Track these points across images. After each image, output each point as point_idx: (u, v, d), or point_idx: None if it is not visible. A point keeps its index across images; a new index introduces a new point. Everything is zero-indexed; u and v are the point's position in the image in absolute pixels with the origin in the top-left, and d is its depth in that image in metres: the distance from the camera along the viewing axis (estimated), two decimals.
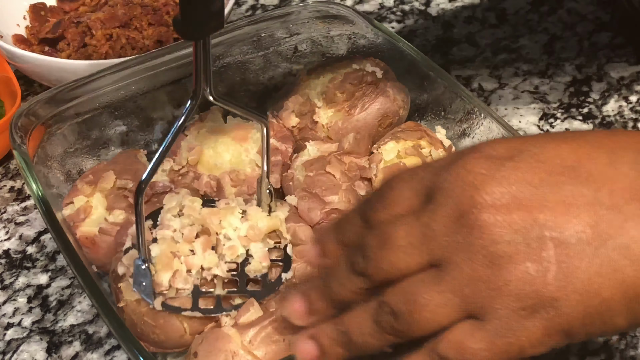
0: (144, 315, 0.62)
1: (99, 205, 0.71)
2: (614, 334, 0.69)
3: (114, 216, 0.70)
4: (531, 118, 0.92)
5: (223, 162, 0.75)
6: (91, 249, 0.70)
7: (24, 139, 0.70)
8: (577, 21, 1.07)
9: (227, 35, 0.82)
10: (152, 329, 0.63)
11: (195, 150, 0.75)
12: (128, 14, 0.94)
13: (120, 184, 0.72)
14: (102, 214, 0.71)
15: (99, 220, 0.70)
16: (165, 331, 0.63)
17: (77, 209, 0.71)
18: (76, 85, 0.76)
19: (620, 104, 0.94)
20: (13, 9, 0.99)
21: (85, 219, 0.70)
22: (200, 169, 0.75)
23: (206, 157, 0.75)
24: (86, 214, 0.71)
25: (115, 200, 0.71)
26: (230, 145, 0.76)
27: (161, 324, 0.62)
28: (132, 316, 0.63)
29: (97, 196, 0.72)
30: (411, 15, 1.09)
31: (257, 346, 0.59)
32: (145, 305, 0.62)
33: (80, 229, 0.70)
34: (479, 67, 1.00)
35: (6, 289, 0.74)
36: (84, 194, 0.72)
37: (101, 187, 0.72)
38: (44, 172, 0.72)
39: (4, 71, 0.89)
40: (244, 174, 0.74)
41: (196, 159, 0.75)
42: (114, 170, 0.73)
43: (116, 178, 0.72)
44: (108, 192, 0.72)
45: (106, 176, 0.73)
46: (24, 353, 0.69)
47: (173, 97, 0.82)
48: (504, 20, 1.08)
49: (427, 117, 0.81)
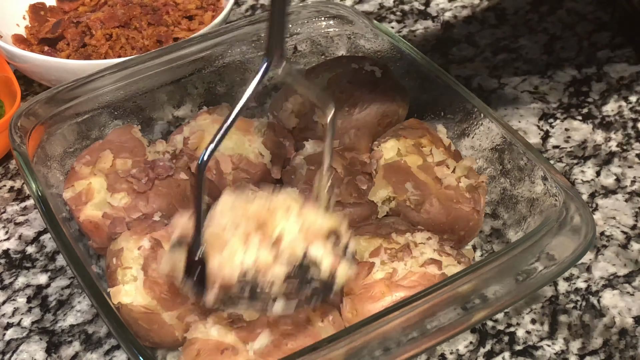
0: (138, 320, 0.62)
1: (100, 187, 0.71)
2: None
3: (117, 199, 0.70)
4: (531, 118, 0.92)
5: (225, 149, 0.74)
6: (94, 232, 0.70)
7: (23, 139, 0.70)
8: (576, 21, 1.07)
9: (227, 35, 0.83)
10: (146, 332, 0.63)
11: (196, 134, 0.74)
12: (127, 14, 0.94)
13: (119, 163, 0.72)
14: (103, 196, 0.70)
15: (101, 203, 0.70)
16: (159, 335, 0.63)
17: (79, 192, 0.70)
18: (76, 85, 0.76)
19: (620, 104, 0.94)
20: (13, 8, 0.99)
21: (87, 202, 0.70)
22: (199, 153, 0.74)
23: (205, 144, 0.75)
24: (88, 198, 0.70)
25: (115, 180, 0.71)
26: (233, 134, 0.75)
27: (155, 329, 0.62)
28: (127, 318, 0.62)
29: (97, 177, 0.71)
30: (411, 15, 1.09)
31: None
32: (139, 309, 0.61)
33: (83, 212, 0.70)
34: (479, 67, 1.00)
35: (6, 289, 0.74)
36: (84, 177, 0.71)
37: (100, 167, 0.71)
38: (44, 172, 0.72)
39: (3, 71, 0.89)
40: (247, 159, 0.74)
41: (196, 143, 0.74)
42: (110, 149, 0.73)
43: (114, 157, 0.72)
44: (107, 172, 0.71)
45: (104, 156, 0.72)
46: (24, 353, 0.69)
47: (173, 97, 0.82)
48: (504, 20, 1.08)
49: (427, 117, 0.81)
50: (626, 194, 0.83)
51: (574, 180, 0.85)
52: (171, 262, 0.57)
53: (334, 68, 0.82)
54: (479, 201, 0.71)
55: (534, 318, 0.71)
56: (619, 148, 0.88)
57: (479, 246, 0.75)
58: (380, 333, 0.56)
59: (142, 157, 0.73)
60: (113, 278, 0.64)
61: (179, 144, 0.75)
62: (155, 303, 0.62)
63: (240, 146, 0.75)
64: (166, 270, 0.57)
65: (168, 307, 0.62)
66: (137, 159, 0.73)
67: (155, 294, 0.62)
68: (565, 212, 0.64)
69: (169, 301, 0.62)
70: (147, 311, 0.62)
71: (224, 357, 0.58)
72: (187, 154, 0.74)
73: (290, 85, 0.61)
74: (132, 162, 0.72)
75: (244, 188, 0.65)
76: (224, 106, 0.79)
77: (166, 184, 0.72)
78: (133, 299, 0.62)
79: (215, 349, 0.58)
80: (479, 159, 0.76)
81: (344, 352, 0.55)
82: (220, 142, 0.53)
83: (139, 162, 0.72)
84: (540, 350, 0.69)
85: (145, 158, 0.73)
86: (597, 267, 0.76)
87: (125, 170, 0.71)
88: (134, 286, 0.63)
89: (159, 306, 0.62)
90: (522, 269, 0.60)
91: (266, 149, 0.75)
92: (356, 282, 0.63)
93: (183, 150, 0.75)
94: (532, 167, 0.69)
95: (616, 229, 0.79)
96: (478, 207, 0.71)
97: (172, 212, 0.71)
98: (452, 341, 0.69)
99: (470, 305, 0.58)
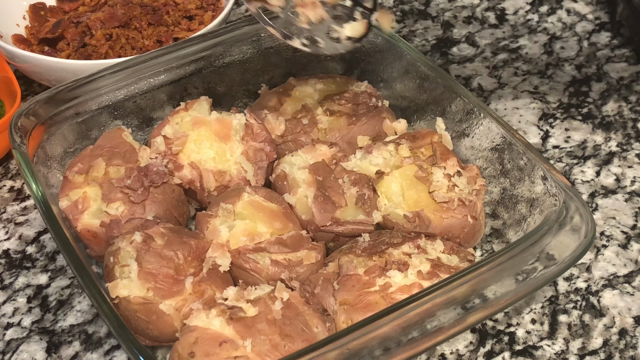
0: (136, 312, 0.63)
1: (95, 196, 0.71)
2: None
3: (113, 209, 0.70)
4: (531, 118, 0.92)
5: (207, 159, 0.75)
6: (92, 241, 0.70)
7: (23, 139, 0.70)
8: (576, 21, 1.07)
9: (227, 35, 0.83)
10: (145, 325, 0.63)
11: (180, 140, 0.75)
12: (128, 14, 0.94)
13: (112, 171, 0.72)
14: (99, 205, 0.71)
15: (97, 212, 0.70)
16: (158, 327, 0.63)
17: (75, 200, 0.70)
18: (76, 85, 0.76)
19: (619, 104, 0.94)
20: (13, 8, 0.99)
21: (84, 210, 0.70)
22: (181, 158, 0.75)
23: (188, 150, 0.75)
24: (84, 206, 0.70)
25: (110, 190, 0.71)
26: (213, 142, 0.76)
27: (154, 320, 0.63)
28: (126, 312, 0.63)
29: (90, 187, 0.71)
30: (411, 15, 1.09)
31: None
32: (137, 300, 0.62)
33: (80, 221, 0.70)
34: (479, 67, 1.00)
35: (6, 289, 0.74)
36: (78, 186, 0.71)
37: (93, 176, 0.72)
38: (44, 172, 0.72)
39: (3, 71, 0.89)
40: (229, 175, 0.75)
41: (179, 149, 0.75)
42: (101, 155, 0.73)
43: (106, 165, 0.72)
44: (101, 181, 0.72)
45: (96, 164, 0.72)
46: (24, 353, 0.69)
47: (173, 97, 0.82)
48: (504, 20, 1.08)
49: (426, 117, 0.81)
50: (626, 194, 0.83)
51: (574, 180, 0.85)
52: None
53: (323, 81, 0.84)
54: (474, 207, 0.71)
55: (534, 318, 0.71)
56: (619, 148, 0.88)
57: (478, 246, 0.75)
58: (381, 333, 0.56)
59: (135, 163, 0.73)
60: (111, 275, 0.64)
61: (161, 145, 0.75)
62: (152, 293, 0.63)
63: (222, 157, 0.76)
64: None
65: (164, 296, 0.63)
66: (129, 165, 0.73)
67: (150, 284, 0.63)
68: (565, 212, 0.64)
69: (165, 290, 0.63)
70: (145, 301, 0.63)
71: (222, 349, 0.58)
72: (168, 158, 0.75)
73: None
74: (125, 169, 0.72)
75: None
76: (202, 100, 0.79)
77: (161, 190, 0.72)
78: (130, 291, 0.63)
79: (214, 340, 0.59)
80: (479, 159, 0.76)
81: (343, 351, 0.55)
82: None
83: (132, 169, 0.72)
84: (540, 350, 0.69)
85: (137, 164, 0.73)
86: (597, 267, 0.76)
87: (119, 179, 0.71)
88: (131, 279, 0.63)
89: (156, 296, 0.63)
90: (522, 269, 0.60)
91: (247, 160, 0.75)
92: (351, 293, 0.63)
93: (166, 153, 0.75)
94: (532, 167, 0.69)
95: (616, 229, 0.79)
96: (474, 212, 0.71)
97: (169, 217, 0.71)
98: (452, 341, 0.69)
99: (470, 305, 0.58)
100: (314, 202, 0.71)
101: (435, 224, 0.70)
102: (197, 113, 0.78)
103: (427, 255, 0.66)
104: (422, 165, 0.73)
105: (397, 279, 0.64)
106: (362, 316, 0.61)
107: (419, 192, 0.72)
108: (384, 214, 0.71)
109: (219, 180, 0.74)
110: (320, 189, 0.72)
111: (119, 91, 0.78)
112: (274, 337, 0.59)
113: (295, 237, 0.69)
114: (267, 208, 0.71)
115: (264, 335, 0.59)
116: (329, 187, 0.72)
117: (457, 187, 0.72)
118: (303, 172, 0.74)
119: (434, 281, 0.63)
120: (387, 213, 0.71)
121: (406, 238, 0.68)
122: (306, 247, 0.68)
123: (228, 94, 0.85)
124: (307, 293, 0.64)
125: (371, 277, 0.64)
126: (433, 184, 0.71)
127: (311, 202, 0.71)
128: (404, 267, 0.65)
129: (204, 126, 0.77)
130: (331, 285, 0.65)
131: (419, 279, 0.64)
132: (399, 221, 0.71)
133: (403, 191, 0.72)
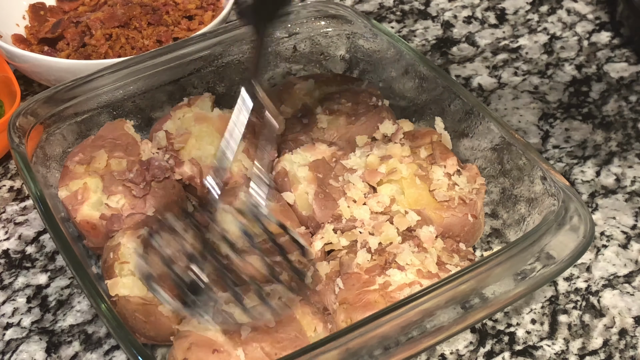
0: (135, 312, 0.62)
1: (95, 187, 0.71)
2: None
3: (114, 201, 0.70)
4: (531, 118, 0.92)
5: (208, 155, 0.75)
6: (91, 233, 0.70)
7: (22, 139, 0.70)
8: (577, 21, 1.07)
9: (227, 35, 0.83)
10: (142, 325, 0.63)
11: (182, 137, 0.75)
12: (127, 14, 0.94)
13: (113, 163, 0.72)
14: (100, 196, 0.70)
15: (97, 203, 0.70)
16: (155, 327, 0.63)
17: (75, 191, 0.70)
18: (75, 84, 0.76)
19: (619, 104, 0.94)
20: (12, 8, 0.99)
21: (83, 202, 0.70)
22: (182, 154, 0.75)
23: (189, 146, 0.75)
24: (84, 197, 0.70)
25: (111, 182, 0.71)
26: (215, 139, 0.76)
27: (152, 321, 0.63)
28: (123, 310, 0.63)
29: (91, 178, 0.71)
30: (411, 15, 1.09)
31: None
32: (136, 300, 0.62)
33: (80, 212, 0.70)
34: (479, 67, 1.00)
35: (5, 289, 0.74)
36: (79, 176, 0.71)
37: (94, 167, 0.71)
38: (43, 172, 0.72)
39: (3, 71, 0.89)
40: (230, 172, 0.74)
41: (182, 145, 0.75)
42: (103, 146, 0.73)
43: (108, 157, 0.72)
44: (102, 172, 0.71)
45: (98, 156, 0.72)
46: (24, 353, 0.69)
47: (172, 97, 0.82)
48: (504, 20, 1.08)
49: (426, 117, 0.81)
50: (626, 194, 0.83)
51: (574, 180, 0.84)
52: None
53: (324, 80, 0.84)
54: (475, 205, 0.71)
55: (534, 318, 0.71)
56: (619, 148, 0.88)
57: (478, 246, 0.75)
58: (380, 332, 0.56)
59: (137, 157, 0.73)
60: (110, 272, 0.64)
61: (162, 140, 0.75)
62: (152, 294, 0.62)
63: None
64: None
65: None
66: (131, 158, 0.73)
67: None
68: (564, 212, 0.64)
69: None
70: (145, 302, 0.62)
71: (214, 357, 0.58)
72: (170, 154, 0.74)
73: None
74: (127, 162, 0.72)
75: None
76: (205, 96, 0.79)
77: (162, 185, 0.72)
78: (130, 291, 0.63)
79: (207, 347, 0.58)
80: (478, 158, 0.76)
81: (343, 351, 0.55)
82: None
83: (133, 163, 0.72)
84: (540, 350, 0.69)
85: (139, 157, 0.73)
86: (597, 267, 0.76)
87: (121, 172, 0.71)
88: (132, 279, 0.63)
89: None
90: (522, 269, 0.60)
91: (248, 158, 0.75)
92: (351, 291, 0.63)
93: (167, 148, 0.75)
94: (531, 167, 0.69)
95: (616, 229, 0.79)
96: (474, 211, 0.71)
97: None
98: (452, 341, 0.69)
99: (470, 304, 0.58)
100: (314, 199, 0.71)
101: (435, 223, 0.70)
102: (199, 109, 0.78)
103: (427, 254, 0.66)
104: (422, 164, 0.73)
105: (396, 278, 0.64)
106: (362, 315, 0.61)
107: (420, 191, 0.72)
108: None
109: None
110: (321, 186, 0.72)
111: (118, 91, 0.78)
112: (265, 345, 0.59)
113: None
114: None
115: (256, 343, 0.58)
116: (329, 184, 0.72)
117: (457, 186, 0.72)
118: (303, 169, 0.74)
119: (434, 280, 0.63)
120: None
121: (406, 236, 0.68)
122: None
123: (228, 93, 0.85)
124: (309, 290, 0.64)
125: (371, 276, 0.64)
126: (433, 182, 0.71)
127: (312, 198, 0.71)
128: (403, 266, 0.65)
129: (206, 122, 0.77)
130: (333, 282, 0.65)
131: (418, 277, 0.64)
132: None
133: (403, 190, 0.72)
